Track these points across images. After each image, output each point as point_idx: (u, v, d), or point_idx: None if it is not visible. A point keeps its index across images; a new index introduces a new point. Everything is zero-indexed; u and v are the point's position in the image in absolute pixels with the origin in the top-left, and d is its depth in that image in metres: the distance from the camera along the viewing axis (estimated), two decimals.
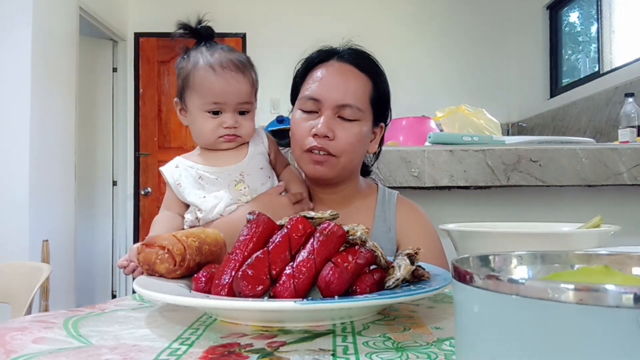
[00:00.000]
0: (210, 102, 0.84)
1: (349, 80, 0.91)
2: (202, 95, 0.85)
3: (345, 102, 0.89)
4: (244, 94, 0.85)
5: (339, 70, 0.92)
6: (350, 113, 0.90)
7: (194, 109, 0.86)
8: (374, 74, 0.94)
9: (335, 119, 0.90)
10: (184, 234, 0.60)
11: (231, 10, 4.24)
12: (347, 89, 0.90)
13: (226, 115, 0.85)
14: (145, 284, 0.52)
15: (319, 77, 0.92)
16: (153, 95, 4.30)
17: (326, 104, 0.89)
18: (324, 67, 0.93)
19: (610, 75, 3.14)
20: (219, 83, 0.83)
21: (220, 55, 0.85)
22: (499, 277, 0.22)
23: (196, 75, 0.85)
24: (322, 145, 0.88)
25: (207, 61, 0.84)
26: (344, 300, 0.45)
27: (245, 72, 0.85)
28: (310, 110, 0.91)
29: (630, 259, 0.31)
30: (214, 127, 0.85)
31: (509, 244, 0.60)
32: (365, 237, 0.52)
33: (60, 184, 3.08)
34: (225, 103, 0.85)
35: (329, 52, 0.95)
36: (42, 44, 2.86)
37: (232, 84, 0.84)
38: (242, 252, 0.51)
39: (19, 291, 1.45)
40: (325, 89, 0.90)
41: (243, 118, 0.87)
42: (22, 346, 0.40)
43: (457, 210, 1.48)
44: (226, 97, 0.84)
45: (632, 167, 1.31)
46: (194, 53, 0.87)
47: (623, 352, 0.19)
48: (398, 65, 4.39)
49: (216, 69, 0.83)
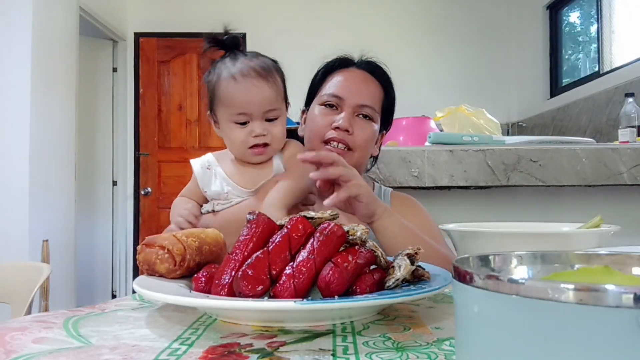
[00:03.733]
0: (236, 113, 0.84)
1: (368, 85, 1.01)
2: (227, 107, 0.85)
3: (364, 102, 0.99)
4: (269, 101, 0.84)
5: (359, 75, 1.02)
6: (368, 112, 0.99)
7: (223, 121, 0.86)
8: (386, 83, 1.05)
9: (354, 117, 0.99)
10: (184, 234, 0.60)
11: (231, 10, 4.25)
12: (366, 92, 1.00)
13: (254, 124, 0.84)
14: (145, 284, 0.52)
15: (340, 79, 1.01)
16: (153, 95, 4.30)
17: (348, 102, 0.98)
18: (345, 71, 1.03)
19: (610, 75, 3.14)
20: (242, 93, 0.83)
21: (242, 64, 0.84)
22: (499, 277, 0.22)
23: (220, 87, 0.84)
24: (342, 138, 0.96)
25: (229, 71, 0.84)
26: (344, 300, 0.45)
27: (268, 77, 0.84)
28: (331, 105, 0.99)
29: (630, 259, 0.31)
30: (244, 137, 0.85)
31: (509, 244, 0.61)
32: (365, 237, 0.52)
33: (60, 184, 3.08)
34: (250, 112, 0.84)
35: (348, 60, 1.05)
36: (42, 44, 2.86)
37: (255, 92, 0.83)
38: (242, 252, 0.51)
39: (19, 291, 1.45)
40: (348, 90, 0.99)
41: (272, 125, 0.86)
42: (22, 346, 0.40)
43: (457, 210, 1.48)
44: (250, 106, 0.83)
45: (632, 167, 1.31)
46: (218, 65, 0.86)
47: (623, 352, 0.19)
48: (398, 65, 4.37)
49: (237, 79, 0.83)
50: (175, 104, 4.29)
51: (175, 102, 4.29)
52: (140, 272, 0.62)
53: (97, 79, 4.19)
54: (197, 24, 4.14)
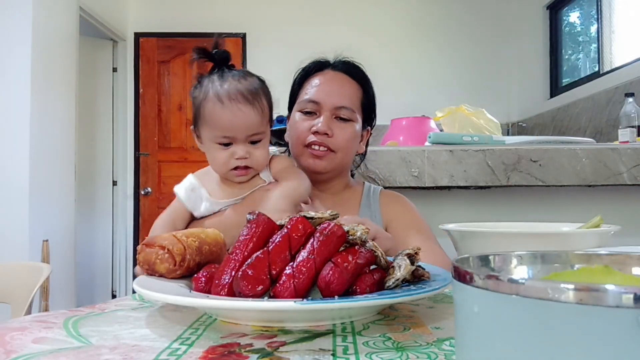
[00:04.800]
0: (220, 135, 0.84)
1: (344, 86, 1.03)
2: (212, 128, 0.84)
3: (342, 104, 1.01)
4: (254, 125, 0.84)
5: (334, 77, 1.04)
6: (346, 114, 1.01)
7: (207, 140, 0.87)
8: (363, 81, 1.07)
9: (332, 119, 1.01)
10: (184, 234, 0.60)
11: (231, 10, 4.24)
12: (342, 94, 1.02)
13: (237, 147, 0.84)
14: (145, 284, 0.52)
15: (317, 83, 1.03)
16: (153, 95, 4.30)
17: (325, 106, 1.01)
18: (321, 75, 1.05)
19: (610, 75, 3.14)
20: (227, 116, 0.82)
21: (230, 86, 0.84)
22: (499, 277, 0.22)
23: (206, 108, 0.84)
24: (322, 141, 0.99)
25: (216, 92, 0.83)
26: (344, 300, 0.45)
27: (255, 102, 0.84)
28: (309, 111, 1.02)
29: (630, 259, 0.31)
30: (226, 159, 0.85)
31: (509, 244, 0.61)
32: (365, 237, 0.52)
33: (60, 183, 3.08)
34: (234, 136, 0.84)
35: (324, 63, 1.07)
36: (42, 44, 2.86)
37: (240, 116, 0.83)
38: (242, 252, 0.51)
39: (19, 291, 1.45)
40: (324, 94, 1.01)
41: (255, 147, 0.86)
42: (22, 346, 0.40)
43: (457, 210, 1.48)
44: (235, 130, 0.83)
45: (632, 167, 1.31)
46: (206, 81, 0.86)
47: (623, 352, 0.19)
48: (398, 66, 4.39)
49: (224, 102, 0.82)
50: (175, 104, 4.30)
51: (175, 102, 4.29)
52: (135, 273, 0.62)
53: (97, 79, 4.19)
54: (197, 24, 4.15)
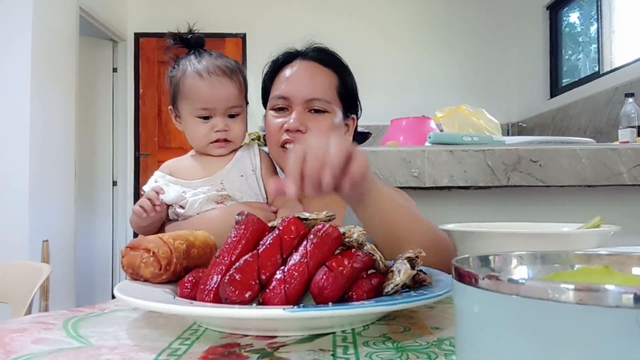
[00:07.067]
0: (199, 108, 0.86)
1: (315, 76, 0.95)
2: (191, 101, 0.87)
3: (313, 96, 0.93)
4: (232, 98, 0.87)
5: (303, 67, 0.96)
6: (320, 105, 0.93)
7: (186, 115, 0.89)
8: (339, 67, 0.98)
9: (305, 113, 0.93)
10: (171, 236, 0.56)
11: (231, 10, 4.25)
12: (313, 84, 0.94)
13: (216, 119, 0.87)
14: (126, 289, 0.48)
15: (285, 76, 0.96)
16: (153, 96, 4.30)
17: (295, 100, 0.93)
18: (290, 67, 0.97)
19: (610, 76, 3.14)
20: (207, 88, 0.85)
21: (208, 62, 0.87)
22: (499, 277, 0.22)
23: (185, 82, 0.87)
24: (295, 139, 0.91)
25: (195, 68, 0.86)
26: (338, 307, 0.42)
27: (233, 76, 0.87)
28: (280, 108, 0.95)
29: (630, 259, 0.31)
30: (206, 132, 0.87)
31: (509, 244, 0.60)
32: (362, 240, 0.49)
33: (60, 183, 3.08)
34: (214, 108, 0.86)
35: (293, 53, 0.99)
36: (42, 44, 2.86)
37: (219, 88, 0.85)
38: (229, 255, 0.48)
39: (19, 291, 1.45)
40: (293, 87, 0.94)
41: (233, 121, 0.88)
42: (22, 347, 0.40)
43: (457, 210, 1.48)
44: (214, 101, 0.86)
45: (632, 167, 1.31)
46: (183, 61, 0.89)
47: (623, 352, 0.19)
48: (398, 65, 4.39)
49: (203, 75, 0.85)
50: None
51: None
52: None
53: (97, 79, 4.19)
54: (197, 24, 4.14)
